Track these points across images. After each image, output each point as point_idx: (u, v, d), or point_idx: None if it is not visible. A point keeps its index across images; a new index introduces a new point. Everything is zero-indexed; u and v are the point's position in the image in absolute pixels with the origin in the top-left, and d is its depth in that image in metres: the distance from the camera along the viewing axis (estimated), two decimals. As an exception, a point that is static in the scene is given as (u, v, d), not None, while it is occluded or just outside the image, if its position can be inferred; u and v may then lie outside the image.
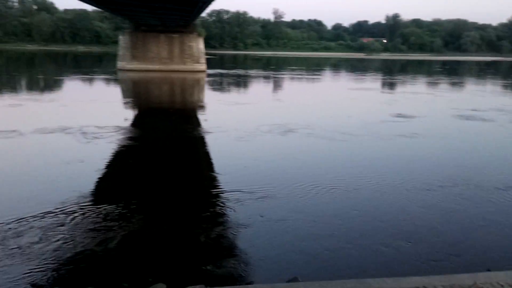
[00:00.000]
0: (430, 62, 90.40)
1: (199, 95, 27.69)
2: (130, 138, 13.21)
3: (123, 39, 43.14)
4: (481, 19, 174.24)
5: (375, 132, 14.72)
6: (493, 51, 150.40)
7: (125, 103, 22.54)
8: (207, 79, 36.74)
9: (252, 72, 47.80)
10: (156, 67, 41.55)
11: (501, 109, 20.77)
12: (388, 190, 8.98)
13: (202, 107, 21.87)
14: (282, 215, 7.47)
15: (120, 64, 42.99)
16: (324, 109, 20.74)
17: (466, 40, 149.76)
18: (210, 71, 43.92)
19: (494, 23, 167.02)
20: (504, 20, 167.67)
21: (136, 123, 16.48)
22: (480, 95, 27.86)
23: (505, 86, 36.15)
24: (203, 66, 43.43)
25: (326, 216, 7.49)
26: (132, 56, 42.37)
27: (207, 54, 48.14)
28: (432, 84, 36.81)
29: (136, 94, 27.46)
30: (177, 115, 18.95)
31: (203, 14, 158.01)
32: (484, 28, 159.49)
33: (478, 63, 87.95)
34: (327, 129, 15.04)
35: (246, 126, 15.30)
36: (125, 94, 26.93)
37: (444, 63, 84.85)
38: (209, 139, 13.49)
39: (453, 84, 37.33)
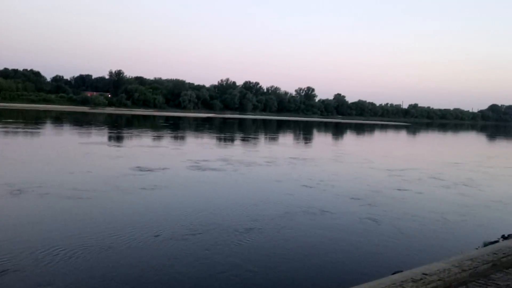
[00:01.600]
0: (154, 117, 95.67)
1: None
2: None
3: None
4: (196, 81, 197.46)
5: (118, 187, 14.28)
6: (208, 109, 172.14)
7: None
8: None
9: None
10: None
11: (225, 159, 23.54)
12: (139, 244, 8.83)
13: None
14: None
15: None
16: (58, 165, 18.85)
17: (185, 98, 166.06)
18: None
19: (207, 84, 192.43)
20: (215, 82, 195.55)
21: None
22: (207, 148, 30.99)
23: (222, 139, 41.46)
24: None
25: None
26: None
27: None
28: (162, 137, 38.82)
29: None
30: None
31: None
32: (199, 88, 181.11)
33: (196, 119, 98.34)
34: (66, 187, 13.71)
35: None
36: None
37: (167, 118, 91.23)
38: None
39: (181, 137, 40.38)
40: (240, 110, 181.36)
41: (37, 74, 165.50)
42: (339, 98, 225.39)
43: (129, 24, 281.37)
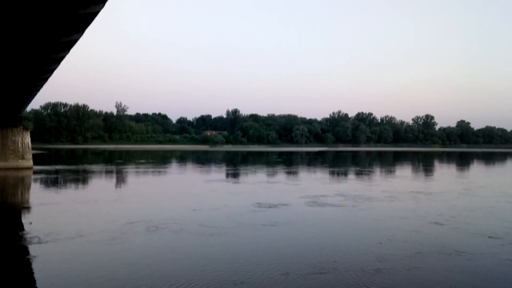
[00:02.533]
0: (267, 153, 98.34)
1: (23, 196, 23.63)
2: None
3: None
4: (308, 115, 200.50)
5: (242, 223, 14.83)
6: (320, 142, 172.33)
7: None
8: (34, 176, 32.51)
9: (94, 167, 45.07)
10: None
11: (342, 194, 23.12)
12: (270, 281, 8.97)
13: (26, 208, 18.46)
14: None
15: None
16: (188, 202, 20.24)
17: (297, 133, 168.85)
18: (41, 168, 40.09)
19: (319, 118, 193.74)
20: (327, 115, 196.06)
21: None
22: (322, 182, 30.82)
23: (336, 173, 40.92)
24: (29, 163, 39.41)
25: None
26: None
27: (38, 149, 43.76)
28: (277, 173, 39.58)
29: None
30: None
31: (35, 107, 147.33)
32: (311, 122, 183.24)
33: (308, 153, 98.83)
34: (197, 223, 14.66)
35: (102, 227, 13.84)
36: None
37: (280, 153, 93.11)
38: (39, 251, 11.10)
39: (295, 172, 40.78)
40: (353, 142, 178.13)
41: (164, 117, 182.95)
42: (462, 125, 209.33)
43: (244, 64, 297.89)
